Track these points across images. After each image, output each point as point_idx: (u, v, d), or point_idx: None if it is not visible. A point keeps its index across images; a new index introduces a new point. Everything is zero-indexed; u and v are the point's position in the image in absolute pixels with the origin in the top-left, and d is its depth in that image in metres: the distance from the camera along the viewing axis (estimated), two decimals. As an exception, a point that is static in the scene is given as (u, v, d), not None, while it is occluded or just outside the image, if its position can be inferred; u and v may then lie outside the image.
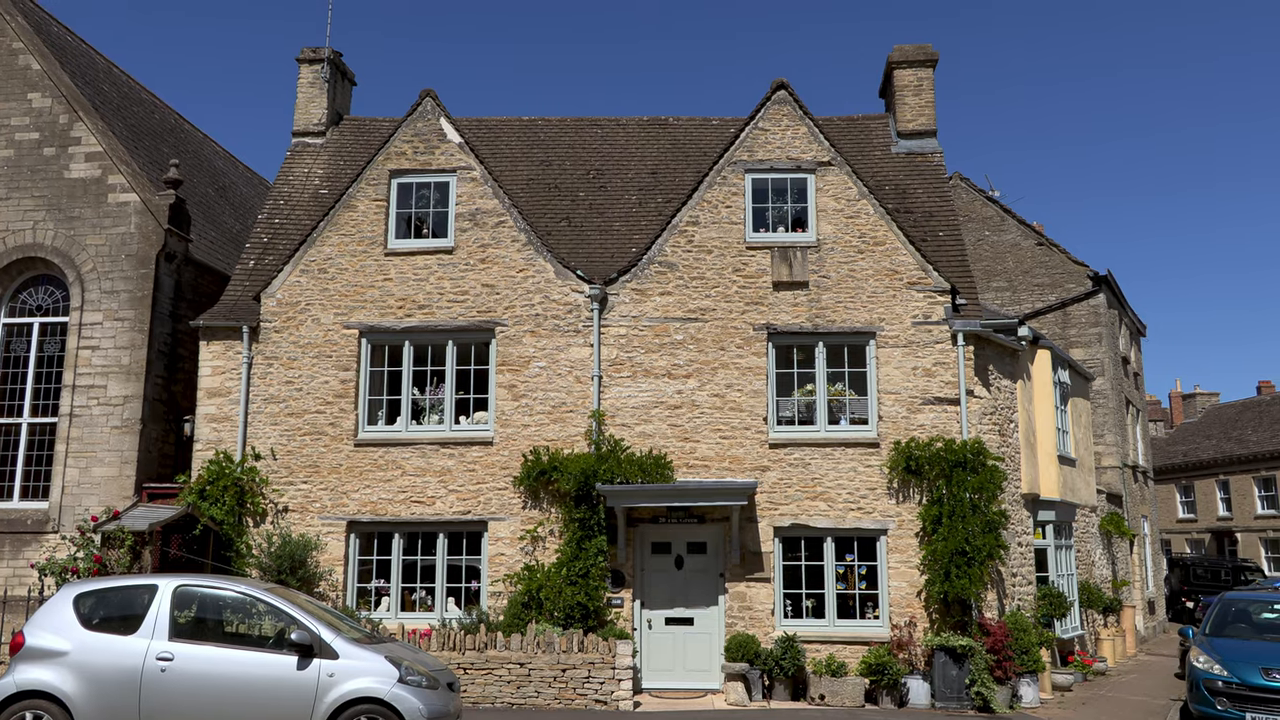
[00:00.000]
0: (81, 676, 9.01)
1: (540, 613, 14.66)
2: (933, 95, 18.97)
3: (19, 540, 16.45)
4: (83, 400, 16.77)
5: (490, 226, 16.37)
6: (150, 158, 19.36)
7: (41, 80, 18.09)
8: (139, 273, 17.13)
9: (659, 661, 15.10)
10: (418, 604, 15.57)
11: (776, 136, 16.47)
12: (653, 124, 20.08)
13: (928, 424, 15.46)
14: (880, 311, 15.80)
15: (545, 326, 15.99)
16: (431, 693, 9.31)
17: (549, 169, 18.99)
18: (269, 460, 15.78)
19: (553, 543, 15.32)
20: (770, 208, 16.32)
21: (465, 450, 15.74)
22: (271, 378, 16.08)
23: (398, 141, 16.75)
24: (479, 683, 13.40)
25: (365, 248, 16.42)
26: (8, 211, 17.62)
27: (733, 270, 16.05)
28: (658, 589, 15.34)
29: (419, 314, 16.15)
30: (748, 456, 15.51)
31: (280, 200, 18.63)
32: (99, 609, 9.44)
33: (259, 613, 9.59)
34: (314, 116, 19.71)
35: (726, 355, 15.80)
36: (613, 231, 17.67)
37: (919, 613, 14.96)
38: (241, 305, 16.56)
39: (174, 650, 9.10)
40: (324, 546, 15.45)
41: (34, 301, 17.73)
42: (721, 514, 15.27)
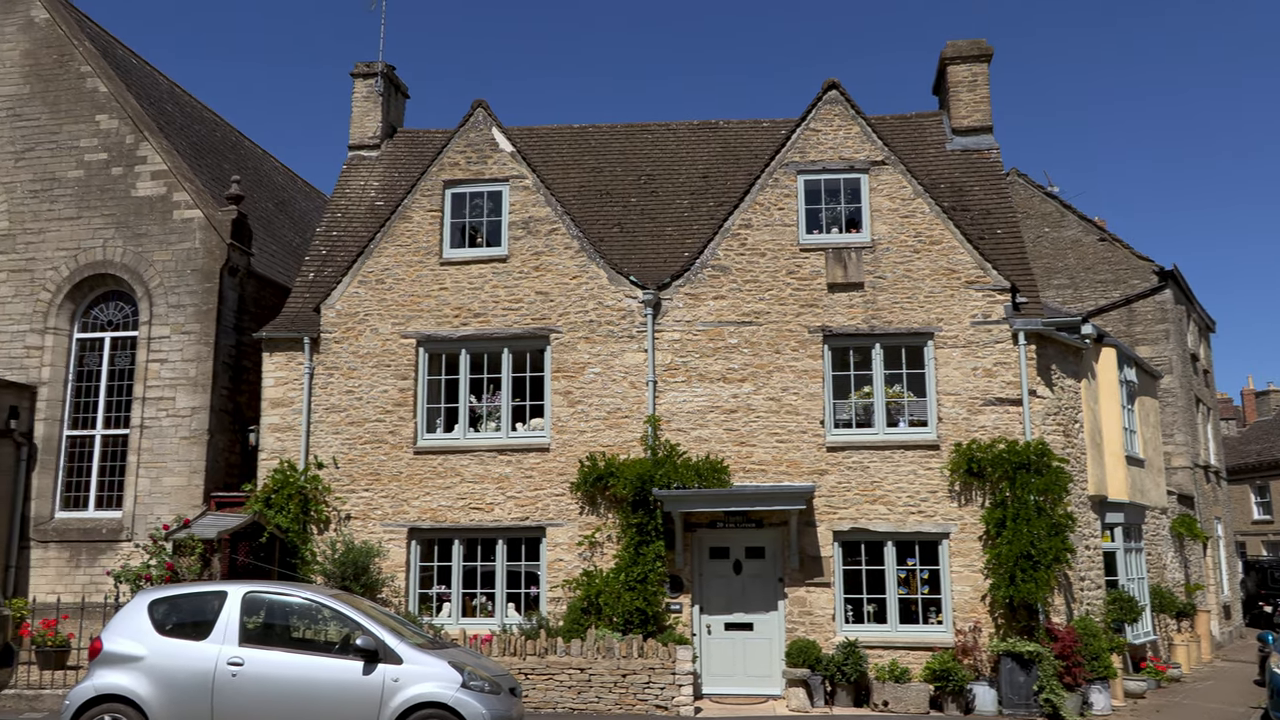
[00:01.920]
0: (156, 681, 9.24)
1: (599, 618, 14.69)
2: (988, 91, 18.69)
3: (95, 549, 16.94)
4: (152, 412, 17.23)
5: (543, 234, 16.49)
6: (212, 174, 19.85)
7: (109, 102, 18.64)
8: (203, 287, 17.56)
9: (719, 667, 15.04)
10: (478, 610, 15.71)
11: (829, 137, 16.35)
12: (703, 128, 20.07)
13: (989, 425, 15.21)
14: (938, 311, 15.58)
15: (599, 332, 16.05)
16: (494, 697, 9.37)
17: (600, 175, 19.07)
18: (331, 468, 16.05)
19: (610, 548, 15.35)
20: (823, 209, 16.21)
21: (522, 457, 15.85)
22: (332, 387, 16.36)
23: (451, 152, 16.95)
24: (540, 688, 13.47)
25: (421, 258, 16.64)
26: (79, 230, 18.18)
27: (786, 272, 15.96)
28: (716, 594, 15.29)
29: (474, 322, 16.32)
30: (805, 460, 15.40)
31: (338, 213, 18.96)
32: (172, 615, 9.67)
33: (324, 618, 9.75)
34: (369, 130, 20.04)
35: (782, 358, 15.71)
36: (665, 236, 17.69)
37: (984, 618, 14.70)
38: (302, 317, 16.88)
39: (244, 655, 9.29)
40: (386, 553, 15.66)
41: (105, 317, 18.27)
42: (779, 518, 15.18)
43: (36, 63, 19.05)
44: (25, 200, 18.52)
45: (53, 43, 19.08)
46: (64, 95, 18.81)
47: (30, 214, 18.43)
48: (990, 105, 18.62)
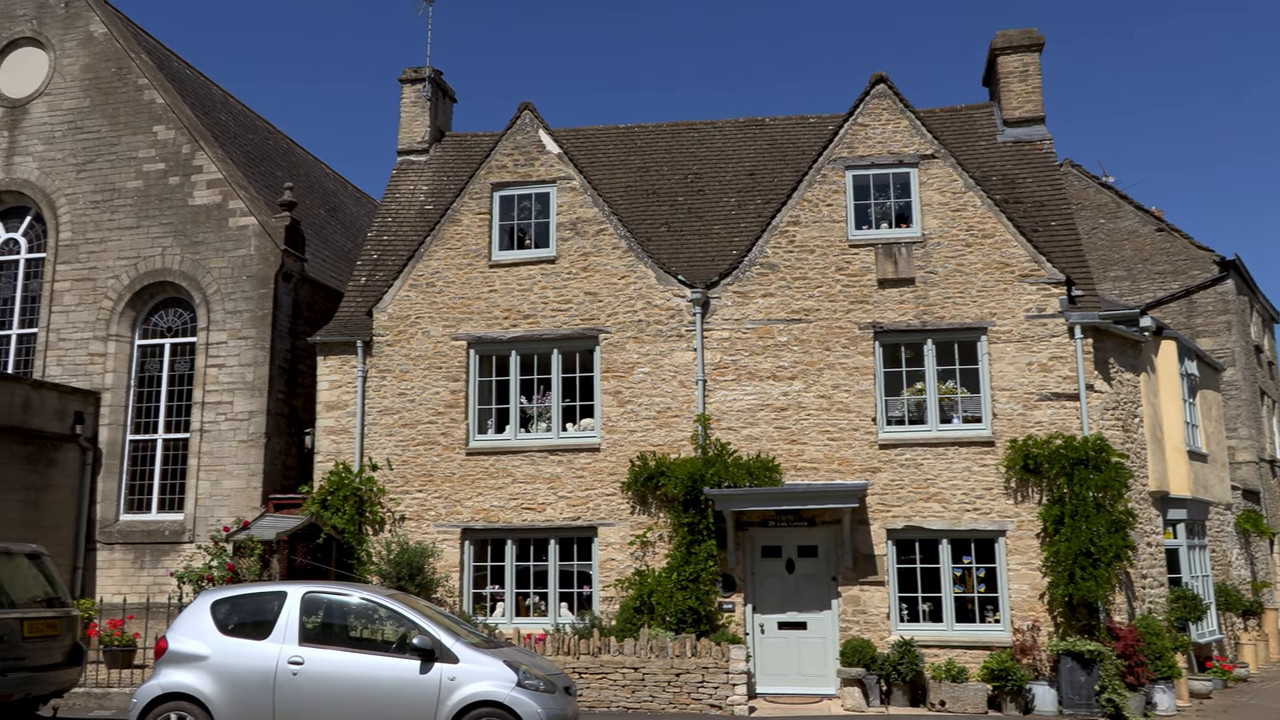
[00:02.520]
0: (220, 679, 9.42)
1: (652, 617, 14.70)
2: (1039, 81, 18.36)
3: (158, 550, 17.35)
4: (211, 416, 17.59)
5: (591, 235, 16.54)
6: (266, 182, 20.21)
7: (165, 113, 19.07)
8: (259, 292, 17.89)
9: (772, 666, 14.97)
10: (531, 609, 15.81)
11: (877, 131, 16.19)
12: (749, 125, 19.98)
13: (1045, 421, 14.95)
14: (991, 306, 15.36)
15: (648, 332, 16.06)
16: (549, 696, 9.42)
17: (647, 175, 19.08)
18: (385, 470, 16.25)
19: (662, 547, 15.35)
20: (872, 204, 16.06)
21: (573, 457, 15.92)
22: (385, 390, 16.57)
23: (498, 155, 17.08)
24: (594, 687, 13.52)
25: (470, 260, 16.78)
26: (138, 239, 18.62)
27: (836, 269, 15.84)
28: (769, 593, 15.22)
29: (524, 324, 16.42)
30: (857, 458, 15.27)
31: (388, 218, 19.20)
32: (234, 615, 9.85)
33: (381, 618, 9.87)
34: (417, 135, 20.25)
35: (832, 355, 15.59)
36: (712, 235, 17.65)
37: (1042, 616, 14.46)
38: (355, 320, 17.12)
39: (304, 654, 9.44)
40: (440, 553, 15.82)
41: (165, 323, 18.69)
42: (832, 516, 15.07)
43: (96, 76, 19.55)
44: (87, 211, 19.02)
45: (111, 56, 19.57)
46: (122, 107, 19.28)
47: (92, 224, 18.92)
48: (1042, 95, 18.30)
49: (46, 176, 19.32)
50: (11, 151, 19.59)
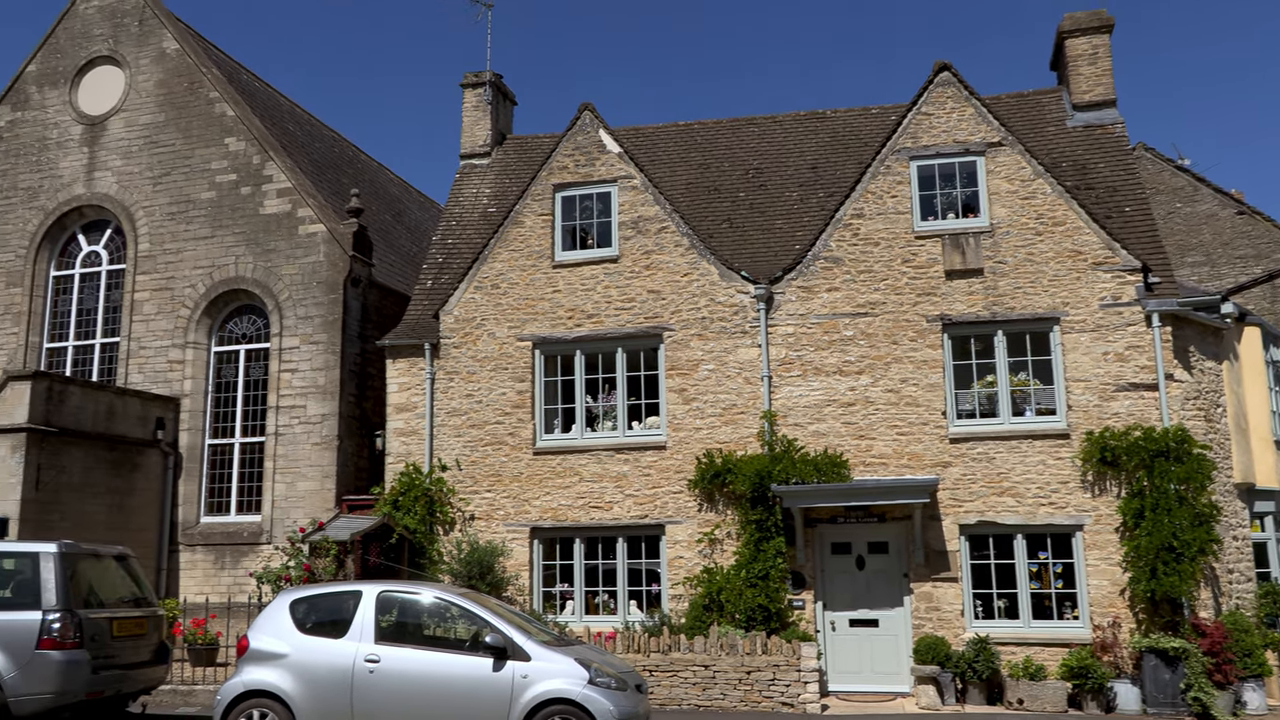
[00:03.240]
0: (299, 677, 9.63)
1: (721, 615, 14.66)
2: (1110, 63, 17.86)
3: (238, 551, 17.82)
4: (285, 420, 18.01)
5: (653, 233, 16.54)
6: (333, 189, 20.62)
7: (236, 125, 19.56)
8: (329, 298, 18.25)
9: (844, 664, 14.82)
10: (600, 607, 15.87)
11: (941, 120, 15.92)
12: (810, 118, 19.80)
13: (1123, 412, 14.55)
14: (1064, 295, 15.00)
15: (712, 329, 16.01)
16: (621, 694, 9.44)
17: (708, 171, 19.02)
18: (455, 470, 16.46)
19: (730, 545, 15.30)
20: (938, 194, 15.79)
21: (639, 455, 15.95)
22: (453, 391, 16.78)
23: (559, 156, 17.17)
24: (664, 684, 13.52)
25: (534, 261, 16.91)
26: (213, 249, 19.14)
27: (902, 261, 15.61)
28: (839, 590, 15.07)
29: (588, 323, 16.49)
30: (927, 453, 15.03)
31: (452, 221, 19.44)
32: (311, 614, 10.06)
33: (453, 616, 9.99)
34: (479, 138, 20.46)
35: (899, 349, 15.37)
36: (775, 230, 17.53)
37: (1123, 612, 14.08)
38: (422, 323, 17.36)
39: (380, 653, 9.60)
40: (509, 552, 15.98)
41: (239, 330, 19.18)
42: (902, 512, 14.86)
43: (169, 91, 20.14)
44: (163, 222, 19.60)
45: (183, 71, 20.14)
46: (195, 121, 19.83)
47: (169, 235, 19.50)
48: (1113, 78, 17.80)
49: (125, 190, 19.96)
50: (92, 167, 20.27)
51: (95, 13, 21.01)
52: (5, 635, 9.58)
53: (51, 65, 21.03)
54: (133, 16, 20.74)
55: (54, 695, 9.55)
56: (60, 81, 20.86)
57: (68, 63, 20.91)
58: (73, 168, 20.39)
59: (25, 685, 9.43)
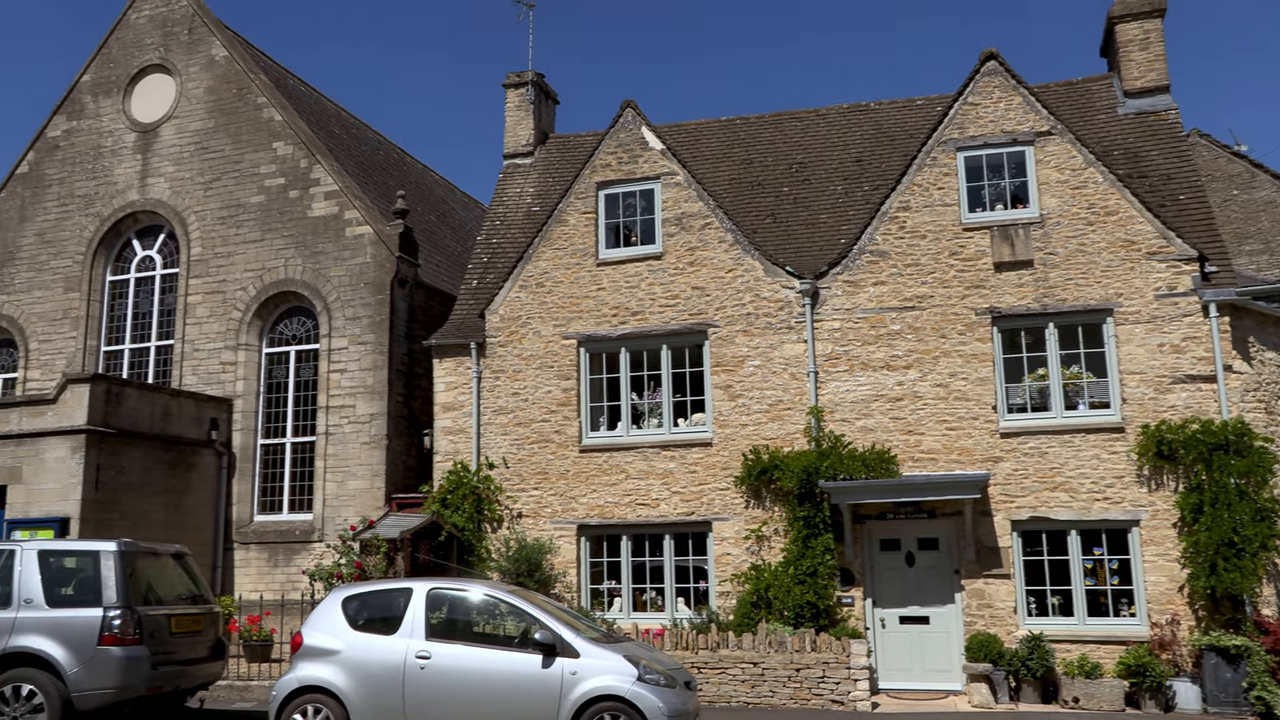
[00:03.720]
0: (352, 673, 9.75)
1: (769, 612, 14.60)
2: (1162, 48, 17.47)
3: (290, 549, 18.10)
4: (335, 420, 18.25)
5: (696, 229, 16.50)
6: (379, 191, 20.85)
7: (284, 130, 19.85)
8: (376, 299, 18.46)
9: (895, 661, 14.68)
10: (648, 604, 15.89)
11: (988, 110, 15.68)
12: (853, 111, 19.62)
13: (1179, 404, 14.24)
14: (1117, 286, 14.71)
15: (757, 325, 15.94)
16: (670, 691, 9.44)
17: (751, 167, 18.93)
18: (502, 468, 16.57)
19: (778, 542, 15.22)
20: (986, 185, 15.56)
21: (685, 452, 15.92)
22: (499, 390, 16.89)
23: (602, 154, 17.20)
24: (713, 682, 13.50)
25: (578, 260, 16.95)
26: (263, 252, 19.44)
27: (949, 254, 15.41)
28: (889, 587, 14.93)
29: (632, 320, 16.50)
30: (977, 448, 14.83)
31: (496, 221, 19.56)
32: (363, 611, 10.18)
33: (502, 613, 10.05)
34: (522, 138, 20.56)
35: (948, 343, 15.18)
36: (819, 224, 17.40)
37: (1182, 609, 13.78)
38: (468, 323, 17.49)
39: (431, 649, 9.69)
40: (557, 550, 16.04)
41: (289, 331, 19.48)
42: (953, 508, 14.68)
43: (219, 98, 20.49)
44: (215, 226, 19.95)
45: (232, 78, 20.48)
46: (244, 126, 20.16)
47: (220, 239, 19.85)
48: (1165, 63, 17.41)
49: (177, 196, 20.36)
50: (145, 174, 20.70)
51: (146, 22, 21.44)
52: (68, 631, 9.82)
53: (105, 74, 21.50)
54: (182, 25, 21.13)
55: (115, 690, 9.76)
56: (114, 90, 21.33)
57: (120, 72, 21.37)
58: (127, 174, 20.84)
59: (88, 680, 9.66)
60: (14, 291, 21.12)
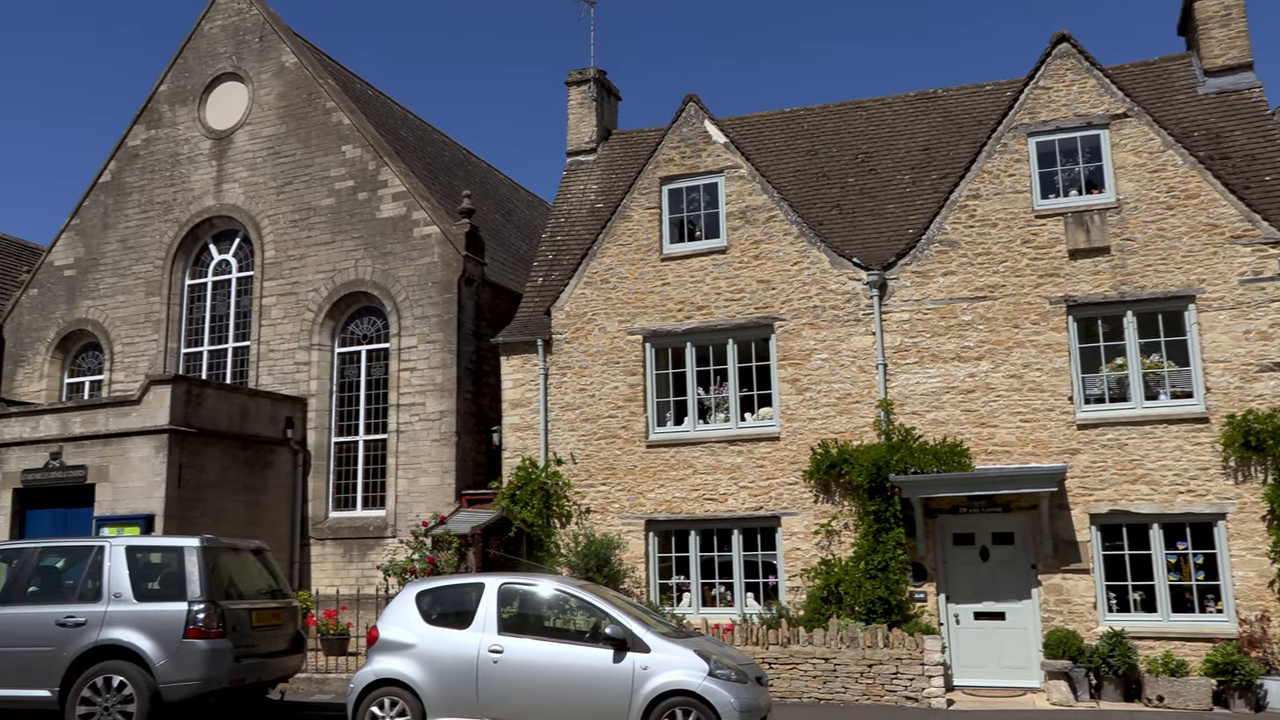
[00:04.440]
0: (426, 666, 9.90)
1: (840, 607, 14.45)
2: (1244, 24, 16.84)
3: (364, 545, 18.45)
4: (406, 417, 18.54)
5: (761, 222, 16.39)
6: (445, 191, 21.10)
7: (352, 133, 20.21)
8: (443, 298, 18.70)
9: (969, 657, 14.42)
10: (717, 599, 15.84)
11: (1061, 94, 15.28)
12: (920, 99, 19.29)
13: (1268, 394, 13.72)
14: (1199, 272, 14.23)
15: (824, 318, 15.78)
16: (741, 686, 9.40)
17: (816, 158, 18.74)
18: (570, 464, 16.66)
19: (848, 536, 15.06)
20: (1059, 171, 15.17)
21: (753, 446, 15.84)
22: (566, 386, 16.98)
23: (665, 149, 17.17)
24: (784, 677, 13.41)
25: (642, 255, 16.96)
26: (334, 253, 19.83)
27: (1021, 242, 15.07)
28: (962, 582, 14.67)
29: (698, 315, 16.46)
30: (1053, 440, 14.48)
31: (560, 218, 19.66)
32: (436, 605, 10.32)
33: (572, 608, 10.11)
34: (585, 135, 20.64)
35: (1021, 333, 14.85)
36: (887, 215, 17.15)
37: (1272, 605, 13.29)
38: (534, 320, 17.62)
39: (503, 643, 9.78)
40: (625, 545, 16.08)
41: (360, 331, 19.84)
42: (1028, 502, 14.36)
43: (289, 104, 20.93)
44: (287, 230, 20.40)
45: (301, 84, 20.91)
46: (314, 131, 20.57)
47: (292, 241, 20.29)
48: (1248, 39, 16.78)
49: (251, 200, 20.86)
50: (220, 180, 21.25)
51: (219, 31, 22.00)
52: (155, 625, 10.11)
53: (181, 84, 22.12)
54: (253, 33, 21.63)
55: (200, 682, 10.03)
56: (189, 99, 21.93)
57: (195, 81, 21.96)
58: (203, 181, 21.41)
59: (174, 672, 9.94)
60: (99, 296, 21.86)
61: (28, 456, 17.49)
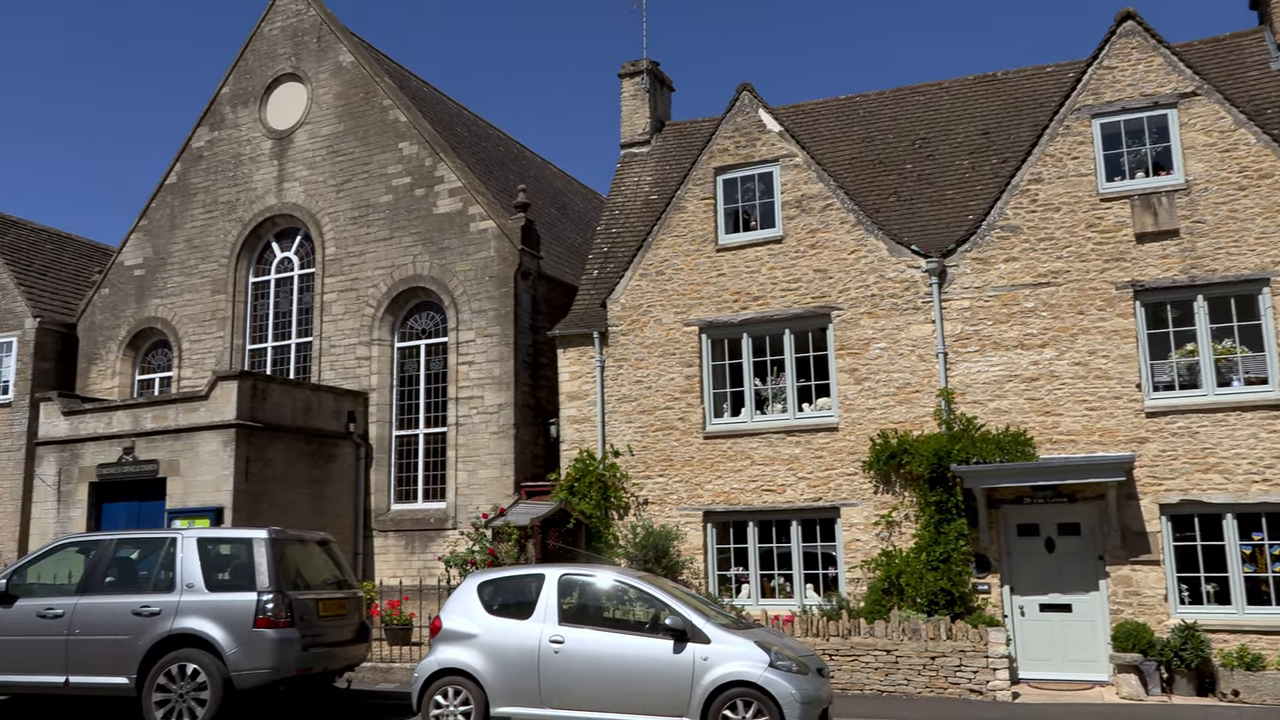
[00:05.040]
0: (489, 656, 10.02)
1: (901, 599, 14.30)
2: (1321, -4, 16.23)
3: (426, 537, 18.71)
4: (465, 410, 18.74)
5: (817, 211, 16.23)
6: (500, 186, 21.25)
7: (408, 130, 20.44)
8: (500, 292, 18.85)
9: (1035, 650, 14.17)
10: (776, 591, 15.78)
11: (1126, 73, 14.88)
12: (979, 82, 18.93)
13: (1347, 378, 13.25)
14: (1273, 254, 13.78)
15: (882, 306, 15.59)
16: (802, 677, 9.36)
17: (872, 145, 18.50)
18: (627, 456, 16.70)
19: (909, 527, 14.89)
20: (1125, 153, 14.79)
21: (811, 437, 15.72)
22: (622, 378, 17.02)
23: (719, 138, 17.08)
24: (845, 669, 13.32)
25: (697, 246, 16.91)
26: (392, 249, 20.09)
27: (1086, 226, 14.72)
28: (1027, 573, 14.41)
29: (754, 306, 16.37)
30: (1120, 428, 14.15)
31: (615, 210, 19.68)
32: (497, 596, 10.44)
33: (631, 599, 10.15)
34: (638, 127, 20.62)
35: (1086, 319, 14.52)
36: (945, 201, 16.88)
37: (1354, 598, 12.85)
38: (590, 313, 17.68)
39: (563, 633, 9.86)
40: (683, 536, 16.09)
41: (419, 326, 20.09)
42: (1095, 492, 14.05)
43: (347, 102, 21.24)
44: (347, 227, 20.72)
45: (359, 82, 21.19)
46: (371, 128, 20.84)
47: (351, 239, 20.60)
48: (1325, 12, 16.17)
49: (311, 199, 21.22)
50: (281, 179, 21.65)
51: (278, 33, 22.38)
52: (225, 614, 10.36)
53: (242, 86, 22.56)
54: (311, 34, 21.97)
55: (270, 670, 10.26)
56: (250, 100, 22.36)
57: (256, 82, 22.38)
58: (264, 180, 21.83)
59: (245, 661, 10.18)
60: (167, 295, 22.43)
61: (102, 451, 18.04)
